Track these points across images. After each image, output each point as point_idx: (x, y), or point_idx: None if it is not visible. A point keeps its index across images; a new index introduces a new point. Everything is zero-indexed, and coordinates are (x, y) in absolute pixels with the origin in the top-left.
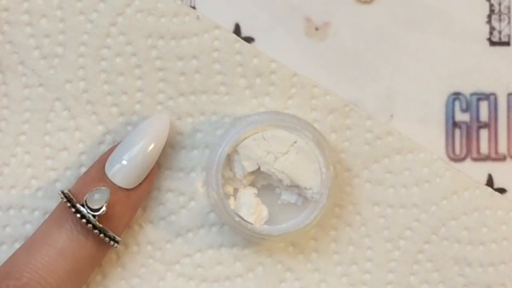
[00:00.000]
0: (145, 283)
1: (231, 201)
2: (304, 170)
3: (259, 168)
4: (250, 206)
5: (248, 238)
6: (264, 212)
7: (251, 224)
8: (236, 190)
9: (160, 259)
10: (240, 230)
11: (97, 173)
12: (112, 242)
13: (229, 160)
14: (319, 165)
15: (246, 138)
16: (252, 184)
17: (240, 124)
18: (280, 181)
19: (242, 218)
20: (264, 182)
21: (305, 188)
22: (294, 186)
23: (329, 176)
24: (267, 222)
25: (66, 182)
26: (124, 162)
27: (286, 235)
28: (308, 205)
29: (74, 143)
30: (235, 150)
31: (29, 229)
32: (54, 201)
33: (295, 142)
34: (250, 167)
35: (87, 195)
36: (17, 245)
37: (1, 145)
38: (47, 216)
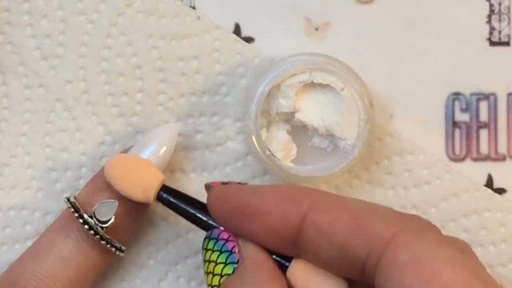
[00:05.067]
0: (146, 284)
1: (263, 132)
2: (343, 120)
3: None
4: (280, 142)
5: (270, 172)
6: (293, 150)
7: (279, 160)
8: (269, 123)
9: (161, 260)
10: (266, 164)
11: (104, 182)
12: (118, 252)
13: (269, 93)
14: (358, 118)
15: (293, 75)
16: (287, 121)
17: (291, 59)
18: (316, 129)
19: (272, 153)
20: (298, 123)
21: (340, 138)
22: (328, 135)
23: (365, 130)
24: (293, 161)
25: (67, 183)
26: None
27: (312, 178)
28: (337, 153)
29: (75, 144)
30: (278, 85)
31: (30, 230)
32: (54, 202)
33: (342, 89)
34: (286, 108)
35: (95, 207)
36: (17, 246)
37: (2, 146)
38: (47, 217)
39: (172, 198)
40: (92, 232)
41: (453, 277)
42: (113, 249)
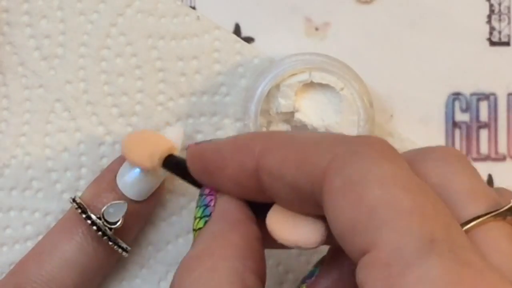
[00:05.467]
0: (146, 284)
1: None
2: (343, 119)
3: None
4: None
5: None
6: None
7: None
8: (269, 123)
9: (161, 260)
10: None
11: (108, 184)
12: (124, 253)
13: (269, 93)
14: (358, 117)
15: (293, 75)
16: (286, 121)
17: (291, 59)
18: (315, 129)
19: None
20: (298, 123)
21: None
22: None
23: (365, 130)
24: None
25: (67, 183)
26: (135, 175)
27: None
28: None
29: (75, 144)
30: (277, 85)
31: (30, 230)
32: (54, 203)
33: (342, 89)
34: (286, 107)
35: (104, 208)
36: (17, 247)
37: (2, 147)
38: (47, 217)
39: (176, 163)
40: (100, 233)
41: (379, 195)
42: (120, 249)
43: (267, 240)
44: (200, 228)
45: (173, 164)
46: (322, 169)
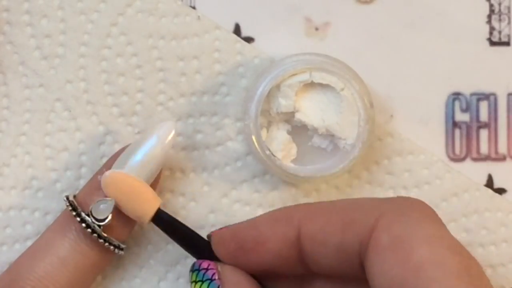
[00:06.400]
0: (146, 284)
1: (263, 132)
2: (343, 120)
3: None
4: (280, 142)
5: (270, 172)
6: (293, 150)
7: (279, 160)
8: (269, 123)
9: (161, 260)
10: (266, 164)
11: (100, 183)
12: (117, 250)
13: (269, 93)
14: (358, 118)
15: (294, 75)
16: (287, 121)
17: (291, 59)
18: (316, 129)
19: (272, 153)
20: (298, 123)
21: (340, 138)
22: (328, 135)
23: (366, 130)
24: (293, 161)
25: (67, 182)
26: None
27: (311, 178)
28: (337, 153)
29: (75, 144)
30: (278, 85)
31: (30, 230)
32: (54, 202)
33: (342, 89)
34: (286, 107)
35: (92, 205)
36: (17, 246)
37: (2, 146)
38: (47, 217)
39: (165, 226)
40: (89, 230)
41: (427, 254)
42: (112, 247)
43: None
44: None
45: (164, 221)
46: (369, 227)
